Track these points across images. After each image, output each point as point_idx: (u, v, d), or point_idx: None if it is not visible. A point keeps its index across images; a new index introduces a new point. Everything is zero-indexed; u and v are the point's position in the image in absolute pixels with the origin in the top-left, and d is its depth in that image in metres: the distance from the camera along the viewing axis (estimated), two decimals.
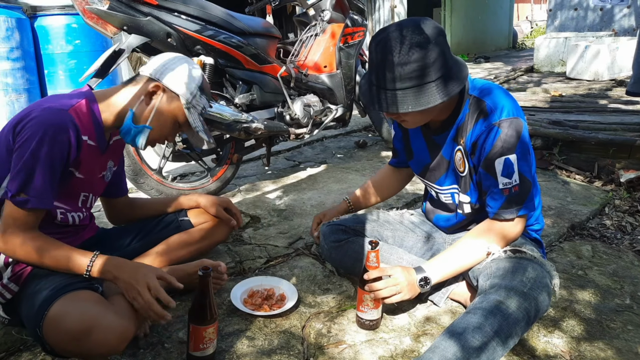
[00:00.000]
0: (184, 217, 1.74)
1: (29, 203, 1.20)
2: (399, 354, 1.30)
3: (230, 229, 1.81)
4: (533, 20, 18.25)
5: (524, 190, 1.32)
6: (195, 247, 1.69)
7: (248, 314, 1.47)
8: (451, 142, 1.42)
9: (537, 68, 7.60)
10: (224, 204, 1.78)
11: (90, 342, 1.12)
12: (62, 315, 1.13)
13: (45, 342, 1.17)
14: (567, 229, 2.10)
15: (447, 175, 1.48)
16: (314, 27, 2.88)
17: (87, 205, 1.47)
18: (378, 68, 1.26)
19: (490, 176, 1.32)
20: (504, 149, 1.28)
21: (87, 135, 1.33)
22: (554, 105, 4.50)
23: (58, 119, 1.24)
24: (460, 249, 1.38)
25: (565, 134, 3.05)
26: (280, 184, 2.86)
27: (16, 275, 1.30)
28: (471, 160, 1.37)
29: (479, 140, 1.32)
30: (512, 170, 1.30)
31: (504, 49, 13.07)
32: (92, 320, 1.12)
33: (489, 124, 1.30)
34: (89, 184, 1.44)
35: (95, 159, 1.41)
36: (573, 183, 2.75)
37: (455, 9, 11.25)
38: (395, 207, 1.89)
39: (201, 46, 2.28)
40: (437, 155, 1.48)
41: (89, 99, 1.36)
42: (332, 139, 4.10)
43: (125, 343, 1.18)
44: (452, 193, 1.50)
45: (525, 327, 1.20)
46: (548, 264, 1.34)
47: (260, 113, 2.55)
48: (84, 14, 2.11)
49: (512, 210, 1.33)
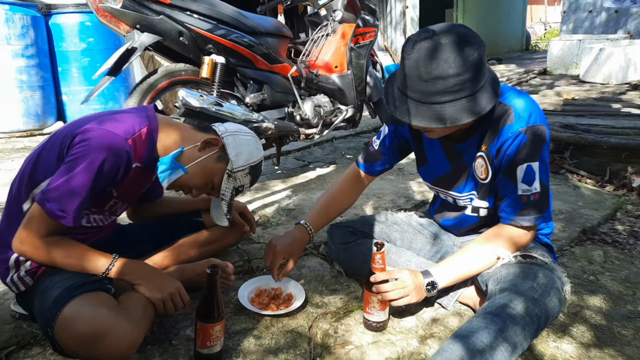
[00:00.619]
0: (198, 218, 1.76)
1: (59, 217, 1.20)
2: (405, 356, 1.30)
3: (242, 234, 1.82)
4: (546, 22, 18.09)
5: (544, 199, 1.30)
6: (206, 249, 1.70)
7: (255, 313, 1.47)
8: (474, 149, 1.38)
9: (550, 70, 7.53)
10: (239, 209, 1.79)
11: (102, 347, 1.12)
12: (75, 318, 1.13)
13: (56, 343, 1.18)
14: (579, 233, 2.08)
15: (467, 183, 1.44)
16: (325, 27, 2.89)
17: (114, 210, 1.48)
18: (413, 79, 1.19)
19: (511, 182, 1.30)
20: (527, 156, 1.26)
21: (138, 161, 1.35)
22: (566, 109, 4.46)
23: (116, 147, 1.25)
24: (468, 254, 1.37)
25: (577, 137, 3.02)
26: (290, 184, 2.86)
27: (33, 270, 1.32)
28: (493, 165, 1.34)
29: (503, 146, 1.29)
30: (533, 178, 1.27)
31: (516, 50, 12.97)
32: (104, 327, 1.13)
33: (516, 130, 1.26)
34: (125, 196, 1.46)
35: (140, 178, 1.43)
36: (584, 187, 2.72)
37: (468, 10, 11.19)
38: (403, 209, 1.87)
39: (212, 45, 2.29)
40: (458, 163, 1.44)
41: (151, 126, 1.37)
42: (342, 139, 4.10)
43: (135, 349, 1.19)
44: (471, 198, 1.46)
45: (534, 333, 1.18)
46: (559, 270, 1.33)
47: (271, 113, 2.56)
48: (98, 12, 2.13)
49: (529, 217, 1.30)
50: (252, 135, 1.52)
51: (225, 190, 1.45)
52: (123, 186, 1.38)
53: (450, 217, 1.58)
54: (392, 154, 1.60)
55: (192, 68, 2.35)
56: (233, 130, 1.48)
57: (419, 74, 1.17)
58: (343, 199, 1.66)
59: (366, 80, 2.98)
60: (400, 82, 1.25)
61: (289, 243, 1.53)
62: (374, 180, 1.73)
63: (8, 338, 1.37)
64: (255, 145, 1.50)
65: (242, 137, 1.48)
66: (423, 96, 1.19)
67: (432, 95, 1.18)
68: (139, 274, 1.31)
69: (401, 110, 1.24)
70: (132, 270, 1.30)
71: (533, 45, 13.94)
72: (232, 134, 1.47)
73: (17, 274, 1.32)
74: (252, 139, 1.50)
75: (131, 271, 1.30)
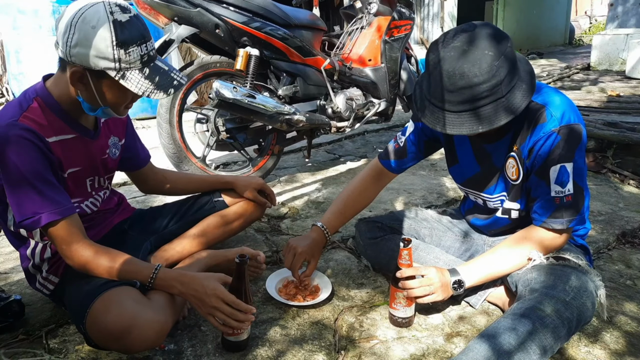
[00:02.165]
0: (218, 198, 1.76)
1: (40, 221, 1.17)
2: (430, 353, 1.29)
3: (264, 210, 1.82)
4: (592, 16, 17.35)
5: (578, 201, 1.26)
6: (231, 227, 1.72)
7: (282, 303, 1.49)
8: (505, 149, 1.35)
9: (594, 66, 7.23)
10: (258, 186, 1.78)
11: (131, 339, 1.15)
12: (102, 314, 1.17)
13: (89, 338, 1.22)
14: (617, 236, 2.00)
15: (497, 184, 1.41)
16: (360, 20, 2.87)
17: (97, 186, 1.44)
18: (438, 87, 1.18)
19: (544, 183, 1.26)
20: (561, 157, 1.23)
21: (54, 133, 1.25)
22: (610, 106, 4.27)
23: (11, 134, 1.16)
24: (498, 255, 1.34)
25: (621, 136, 2.90)
26: (320, 177, 2.87)
27: (53, 267, 1.37)
28: (524, 166, 1.31)
29: (535, 146, 1.26)
30: (567, 179, 1.24)
31: (559, 45, 12.51)
32: (131, 320, 1.15)
33: (549, 130, 1.23)
34: (90, 170, 1.39)
35: (82, 147, 1.34)
36: (626, 188, 2.61)
37: (509, 3, 10.84)
38: (434, 206, 1.85)
39: (248, 38, 2.31)
40: (488, 163, 1.41)
41: (41, 96, 1.25)
42: (373, 133, 4.07)
43: (164, 337, 1.22)
44: (502, 200, 1.43)
45: (565, 337, 1.15)
46: (594, 273, 1.28)
47: (303, 105, 2.57)
48: (137, 4, 2.19)
49: (562, 220, 1.26)
50: (74, 23, 1.14)
51: (137, 86, 1.20)
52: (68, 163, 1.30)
53: (481, 218, 1.55)
54: (418, 151, 1.57)
55: (227, 60, 2.39)
56: (63, 41, 1.16)
57: (445, 85, 1.16)
58: (361, 199, 1.63)
59: (400, 74, 2.94)
60: (427, 90, 1.24)
61: (309, 245, 1.52)
62: (405, 176, 1.72)
63: (48, 317, 1.45)
64: (88, 29, 1.13)
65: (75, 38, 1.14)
66: (451, 105, 1.17)
67: (460, 104, 1.16)
68: (180, 287, 1.24)
69: (431, 118, 1.22)
70: (174, 283, 1.25)
71: (577, 40, 13.40)
72: (67, 48, 1.15)
73: (41, 276, 1.37)
74: (79, 29, 1.13)
75: (172, 284, 1.25)
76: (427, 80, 1.23)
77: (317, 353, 1.29)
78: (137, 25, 1.19)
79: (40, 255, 1.36)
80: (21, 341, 1.33)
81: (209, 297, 1.20)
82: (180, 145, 2.36)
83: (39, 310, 1.48)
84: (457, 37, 1.16)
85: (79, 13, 1.15)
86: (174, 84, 1.26)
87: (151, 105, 4.85)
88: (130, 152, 1.58)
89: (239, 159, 3.09)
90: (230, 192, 1.78)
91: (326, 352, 1.29)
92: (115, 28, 1.14)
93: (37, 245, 1.36)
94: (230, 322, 1.21)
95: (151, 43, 1.22)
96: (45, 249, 1.36)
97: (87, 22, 1.14)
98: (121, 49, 1.15)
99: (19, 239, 1.37)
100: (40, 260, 1.36)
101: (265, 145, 2.67)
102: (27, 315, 1.44)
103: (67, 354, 1.28)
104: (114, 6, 1.17)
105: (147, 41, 1.20)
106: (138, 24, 1.19)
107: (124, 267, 1.24)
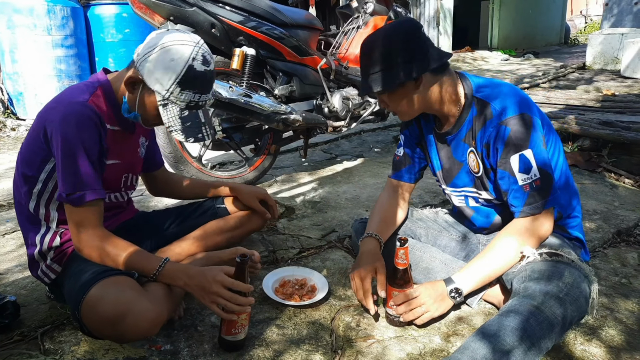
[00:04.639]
0: (220, 205, 1.79)
1: (85, 197, 1.24)
2: (427, 353, 1.29)
3: (265, 220, 1.83)
4: (587, 15, 17.41)
5: (547, 183, 1.30)
6: (231, 234, 1.73)
7: (279, 303, 1.49)
8: (462, 144, 1.43)
9: (589, 65, 7.25)
10: (261, 196, 1.80)
11: (124, 326, 1.16)
12: (98, 299, 1.19)
13: (84, 325, 1.23)
14: (613, 234, 2.01)
15: (459, 177, 1.48)
16: (357, 20, 2.86)
17: (129, 184, 1.53)
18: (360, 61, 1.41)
19: (508, 174, 1.32)
20: (517, 146, 1.29)
21: (109, 122, 1.36)
22: (606, 105, 4.29)
23: (81, 111, 1.26)
24: (490, 255, 1.35)
25: (616, 135, 2.91)
26: (316, 176, 2.87)
27: (58, 256, 1.38)
28: (487, 161, 1.38)
29: (490, 142, 1.33)
30: (530, 165, 1.29)
31: (555, 44, 12.55)
32: (126, 306, 1.17)
33: (496, 124, 1.31)
34: (128, 165, 1.49)
35: (124, 141, 1.45)
36: (622, 187, 2.63)
37: (505, 3, 10.87)
38: (430, 205, 1.85)
39: (244, 37, 2.31)
40: (449, 157, 1.49)
41: (103, 86, 1.37)
42: (370, 132, 4.07)
43: (157, 327, 1.23)
44: (466, 196, 1.50)
45: (559, 333, 1.16)
46: (587, 268, 1.29)
47: (299, 105, 2.57)
48: (133, 4, 2.18)
49: (537, 205, 1.30)
50: (161, 39, 1.29)
51: (168, 120, 1.31)
52: (112, 153, 1.38)
53: (467, 215, 1.57)
54: (419, 154, 1.62)
55: (223, 60, 2.38)
56: (142, 52, 1.30)
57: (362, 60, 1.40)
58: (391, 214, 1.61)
59: None
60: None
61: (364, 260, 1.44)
62: None
63: (44, 318, 1.44)
64: (168, 56, 1.26)
65: (149, 56, 1.28)
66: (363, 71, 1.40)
67: (365, 69, 1.39)
68: (186, 279, 1.27)
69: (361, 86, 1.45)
70: (180, 275, 1.27)
71: (572, 39, 13.45)
72: (142, 58, 1.29)
73: (45, 264, 1.38)
74: (162, 53, 1.27)
75: (179, 276, 1.27)
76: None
77: (314, 353, 1.29)
78: (205, 79, 1.32)
79: (49, 242, 1.37)
80: (16, 342, 1.32)
81: (210, 284, 1.23)
82: (176, 145, 2.35)
83: (34, 311, 1.47)
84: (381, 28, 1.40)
85: (171, 42, 1.28)
86: (197, 135, 1.35)
87: None
88: (150, 153, 1.66)
89: (235, 158, 3.09)
90: (233, 199, 1.79)
91: (323, 352, 1.29)
92: (187, 71, 1.28)
93: (48, 231, 1.37)
94: (232, 306, 1.22)
95: (206, 96, 1.35)
96: (55, 237, 1.37)
97: (171, 54, 1.27)
98: (179, 87, 1.28)
99: (33, 222, 1.37)
100: (48, 248, 1.37)
101: (261, 144, 2.67)
102: (22, 316, 1.43)
103: (62, 355, 1.28)
104: (200, 55, 1.30)
105: (203, 93, 1.33)
106: (207, 78, 1.32)
107: (132, 256, 1.27)
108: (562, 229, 1.44)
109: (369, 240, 1.52)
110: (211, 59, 1.34)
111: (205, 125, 1.36)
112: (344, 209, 2.31)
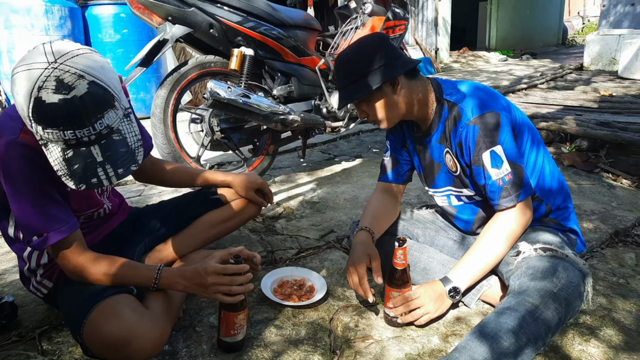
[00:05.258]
0: (214, 196, 1.71)
1: (48, 240, 1.16)
2: (426, 353, 1.29)
3: (260, 209, 1.79)
4: (585, 16, 17.48)
5: (518, 176, 1.35)
6: (228, 225, 1.71)
7: (277, 303, 1.49)
8: (438, 145, 1.49)
9: (587, 66, 7.28)
10: (257, 186, 1.73)
11: (129, 350, 1.15)
12: (101, 325, 1.16)
13: (87, 348, 1.21)
14: (610, 235, 2.01)
15: (440, 177, 1.53)
16: (355, 20, 2.87)
17: (108, 195, 1.48)
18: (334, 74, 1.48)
19: (482, 170, 1.37)
20: (486, 143, 1.34)
21: None
22: (603, 106, 4.31)
23: (17, 153, 1.12)
24: (480, 249, 1.38)
25: (613, 135, 2.92)
26: (315, 177, 2.87)
27: (48, 272, 1.36)
28: (462, 160, 1.43)
29: (461, 142, 1.39)
30: (501, 161, 1.34)
31: (552, 45, 12.60)
32: (130, 330, 1.15)
33: (464, 124, 1.37)
34: None
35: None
36: (619, 187, 2.63)
37: (503, 3, 10.90)
38: (427, 205, 1.86)
39: (242, 37, 2.31)
40: (428, 159, 1.55)
41: None
42: (368, 133, 4.08)
43: (162, 347, 1.23)
44: (448, 195, 1.55)
45: (556, 327, 1.17)
46: (580, 262, 1.31)
47: (298, 105, 2.57)
48: (131, 4, 2.17)
49: (511, 197, 1.35)
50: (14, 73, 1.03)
51: (55, 162, 1.07)
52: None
53: (451, 213, 1.60)
54: (404, 156, 1.66)
55: (222, 60, 2.38)
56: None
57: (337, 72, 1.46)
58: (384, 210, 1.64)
59: None
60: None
61: (358, 251, 1.45)
62: None
63: (42, 318, 1.44)
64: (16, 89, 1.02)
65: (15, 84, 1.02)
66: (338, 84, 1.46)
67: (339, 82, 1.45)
68: (184, 282, 1.26)
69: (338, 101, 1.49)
70: (177, 279, 1.27)
71: (570, 40, 13.50)
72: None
73: (35, 280, 1.37)
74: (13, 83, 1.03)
75: (176, 281, 1.27)
76: None
77: (312, 353, 1.29)
78: (62, 111, 1.00)
79: (37, 260, 1.35)
80: (14, 343, 1.32)
81: (205, 279, 1.23)
82: (174, 146, 2.35)
83: (32, 312, 1.47)
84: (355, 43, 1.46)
85: (21, 67, 1.02)
86: (90, 181, 1.07)
87: (145, 105, 4.83)
88: None
89: (234, 159, 3.09)
90: (227, 189, 1.74)
91: (322, 352, 1.29)
92: (34, 106, 1.00)
93: (33, 250, 1.34)
94: (235, 288, 1.23)
95: (86, 130, 1.03)
96: (42, 255, 1.35)
97: (17, 85, 1.01)
98: (38, 125, 1.02)
99: (18, 242, 1.35)
100: (37, 265, 1.35)
101: (260, 145, 2.66)
102: (20, 316, 1.43)
103: (60, 355, 1.27)
104: (52, 80, 0.99)
105: (78, 128, 1.02)
106: (66, 109, 1.00)
107: (123, 271, 1.24)
108: (556, 222, 1.48)
109: (360, 233, 1.54)
110: (77, 82, 1.00)
111: (105, 165, 1.08)
112: (342, 209, 2.31)
